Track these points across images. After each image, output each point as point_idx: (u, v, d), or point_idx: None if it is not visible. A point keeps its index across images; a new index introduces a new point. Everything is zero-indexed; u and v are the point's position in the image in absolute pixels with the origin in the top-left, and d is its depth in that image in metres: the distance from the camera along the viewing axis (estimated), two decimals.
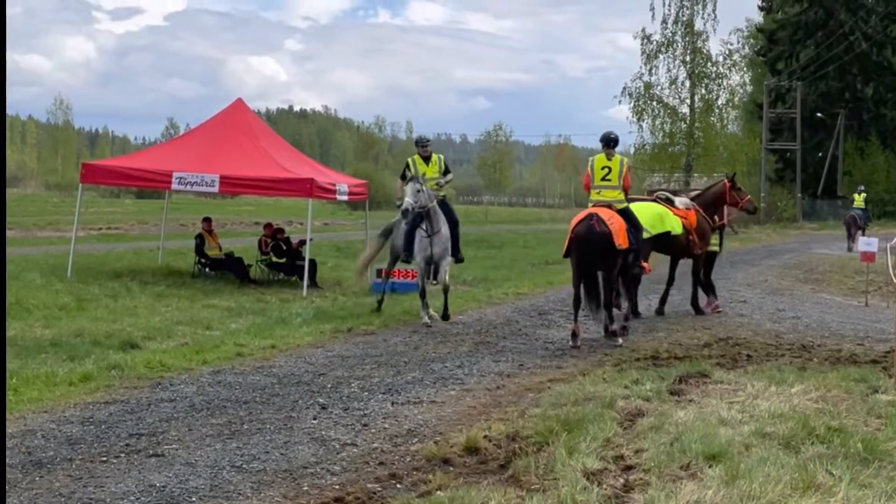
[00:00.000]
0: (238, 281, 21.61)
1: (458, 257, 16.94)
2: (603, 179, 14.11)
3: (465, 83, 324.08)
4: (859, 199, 40.22)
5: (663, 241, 16.78)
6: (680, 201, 17.70)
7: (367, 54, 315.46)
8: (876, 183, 69.57)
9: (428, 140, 16.99)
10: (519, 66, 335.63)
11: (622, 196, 14.24)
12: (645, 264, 15.07)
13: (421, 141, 16.92)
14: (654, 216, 16.44)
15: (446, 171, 16.61)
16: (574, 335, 13.70)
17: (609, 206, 13.99)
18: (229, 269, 22.39)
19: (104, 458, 7.42)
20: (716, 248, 18.49)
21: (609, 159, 14.16)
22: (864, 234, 35.13)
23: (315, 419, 8.86)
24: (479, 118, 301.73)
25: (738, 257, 32.07)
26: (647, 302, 18.88)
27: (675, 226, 16.76)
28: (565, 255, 13.95)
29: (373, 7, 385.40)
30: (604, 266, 13.97)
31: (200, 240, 22.98)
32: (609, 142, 14.28)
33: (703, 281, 17.95)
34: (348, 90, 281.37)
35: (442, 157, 16.76)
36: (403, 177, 16.12)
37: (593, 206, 14.08)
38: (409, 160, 16.38)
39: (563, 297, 18.88)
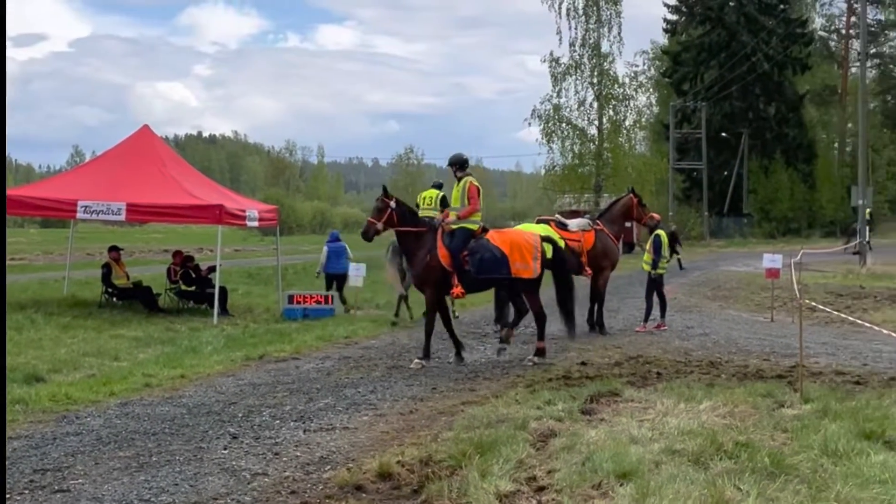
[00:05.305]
0: (146, 310, 21.25)
1: None
2: None
3: (376, 107, 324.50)
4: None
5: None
6: (576, 223, 17.99)
7: (277, 79, 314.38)
8: (780, 201, 71.23)
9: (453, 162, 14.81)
10: (430, 89, 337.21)
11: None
12: (456, 289, 14.06)
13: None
14: None
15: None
16: None
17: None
18: (137, 299, 22.01)
19: (7, 496, 7.20)
20: (661, 271, 18.78)
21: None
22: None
23: (225, 449, 8.73)
24: (390, 142, 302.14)
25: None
26: (559, 323, 19.01)
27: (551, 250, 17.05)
28: None
29: (282, 31, 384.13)
30: None
31: (107, 269, 22.55)
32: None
33: (603, 299, 18.21)
34: (259, 115, 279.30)
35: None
36: None
37: None
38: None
39: (475, 320, 18.97)
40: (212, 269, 22.29)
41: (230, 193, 24.87)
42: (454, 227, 14.03)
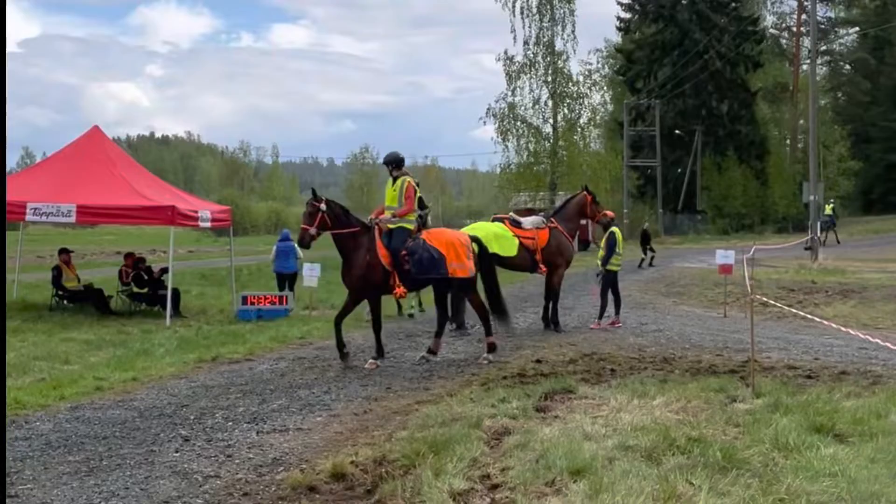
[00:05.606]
0: (98, 313, 21.05)
1: None
2: None
3: (330, 106, 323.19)
4: (828, 209, 50.10)
5: (500, 261, 17.34)
6: (530, 221, 18.12)
7: (230, 78, 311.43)
8: (733, 197, 71.81)
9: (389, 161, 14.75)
10: (385, 88, 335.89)
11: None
12: (398, 289, 14.14)
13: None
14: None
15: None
16: None
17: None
18: (89, 301, 21.80)
19: None
20: (615, 268, 18.83)
21: None
22: (836, 235, 50.44)
23: (177, 452, 8.66)
24: (345, 141, 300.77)
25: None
26: (514, 320, 19.07)
27: (505, 248, 17.17)
28: None
29: (235, 31, 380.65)
30: None
31: (57, 272, 22.34)
32: None
33: (558, 296, 18.28)
34: (212, 115, 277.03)
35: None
36: None
37: None
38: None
39: (430, 318, 18.92)
40: (164, 270, 22.13)
41: (182, 194, 24.67)
42: (392, 226, 14.00)
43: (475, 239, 14.92)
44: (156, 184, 23.00)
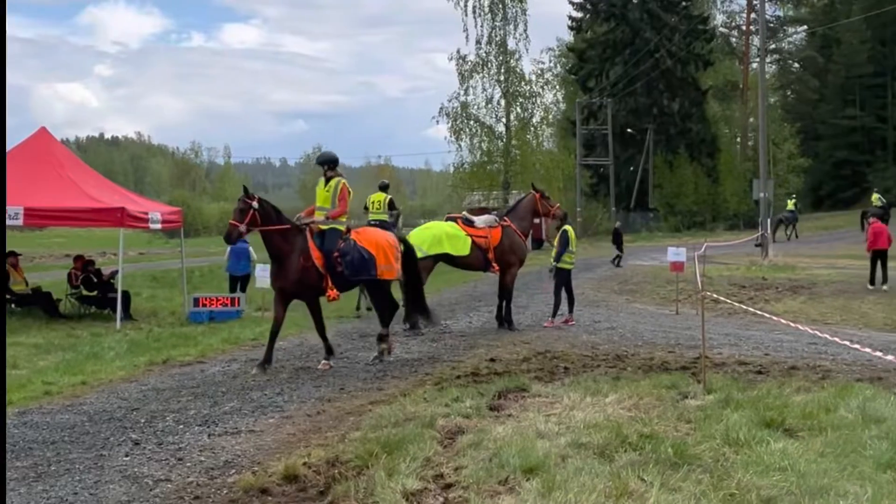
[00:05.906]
0: (47, 316, 20.80)
1: None
2: None
3: (282, 106, 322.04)
4: (790, 204, 52.06)
5: (452, 260, 17.65)
6: (482, 220, 18.19)
7: (181, 79, 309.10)
8: (685, 195, 72.26)
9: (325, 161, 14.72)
10: (337, 87, 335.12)
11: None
12: (331, 292, 14.03)
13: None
14: (431, 237, 16.98)
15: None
16: None
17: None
18: (37, 305, 21.54)
19: None
20: (569, 266, 18.85)
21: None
22: (795, 230, 51.72)
23: (127, 456, 8.57)
24: (298, 141, 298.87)
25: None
26: (468, 319, 19.13)
27: (457, 247, 17.25)
28: None
29: (185, 31, 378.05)
30: None
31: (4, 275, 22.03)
32: None
33: (511, 295, 18.31)
34: (162, 116, 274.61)
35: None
36: None
37: None
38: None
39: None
40: (114, 273, 21.92)
41: (132, 195, 24.42)
42: (324, 227, 13.91)
43: (401, 239, 14.98)
44: (105, 185, 22.73)
